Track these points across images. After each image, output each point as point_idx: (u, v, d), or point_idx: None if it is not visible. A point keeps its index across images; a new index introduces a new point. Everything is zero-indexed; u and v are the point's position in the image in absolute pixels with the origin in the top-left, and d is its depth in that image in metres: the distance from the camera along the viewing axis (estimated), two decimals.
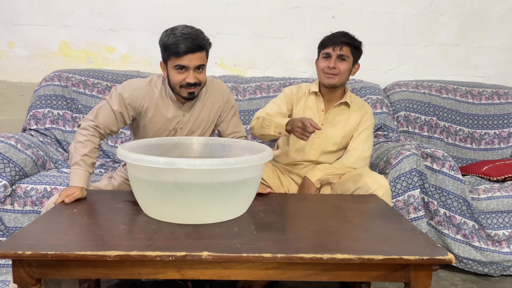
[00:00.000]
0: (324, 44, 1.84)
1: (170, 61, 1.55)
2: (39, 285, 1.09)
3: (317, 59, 1.89)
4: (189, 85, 1.56)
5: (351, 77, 1.90)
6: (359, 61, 1.88)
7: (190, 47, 1.50)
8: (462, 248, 2.00)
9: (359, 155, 1.86)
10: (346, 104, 1.89)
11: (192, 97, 1.63)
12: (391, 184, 1.87)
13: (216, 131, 1.88)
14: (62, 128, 2.38)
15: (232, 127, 1.80)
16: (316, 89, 1.90)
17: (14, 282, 1.07)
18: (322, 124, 1.89)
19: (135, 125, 1.74)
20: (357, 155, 1.86)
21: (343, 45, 1.79)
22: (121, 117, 1.63)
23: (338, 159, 1.93)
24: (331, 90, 1.87)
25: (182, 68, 1.54)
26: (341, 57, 1.80)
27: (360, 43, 1.85)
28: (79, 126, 1.60)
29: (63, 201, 1.39)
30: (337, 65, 1.81)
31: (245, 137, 1.85)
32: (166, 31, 1.57)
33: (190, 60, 1.52)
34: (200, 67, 1.57)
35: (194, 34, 1.53)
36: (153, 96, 1.66)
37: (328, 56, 1.82)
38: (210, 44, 1.59)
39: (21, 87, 2.67)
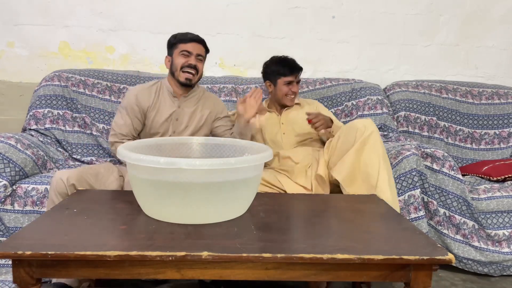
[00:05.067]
0: (285, 73, 2.16)
1: (177, 49, 1.87)
2: (39, 285, 1.09)
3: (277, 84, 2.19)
4: (189, 66, 1.86)
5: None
6: None
7: (196, 37, 1.90)
8: (462, 248, 2.00)
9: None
10: (298, 104, 2.26)
11: (188, 84, 1.89)
12: None
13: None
14: (62, 128, 2.38)
15: (224, 126, 2.05)
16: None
17: (14, 282, 1.07)
18: (282, 123, 2.20)
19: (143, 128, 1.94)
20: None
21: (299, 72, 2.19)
22: (133, 114, 1.85)
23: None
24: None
25: (186, 53, 1.86)
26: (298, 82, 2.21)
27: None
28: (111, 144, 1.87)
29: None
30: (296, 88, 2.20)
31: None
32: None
33: (194, 47, 1.87)
34: (200, 56, 1.90)
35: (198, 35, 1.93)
36: (153, 94, 1.92)
37: (290, 83, 2.17)
38: (208, 50, 1.96)
39: (21, 87, 2.67)
